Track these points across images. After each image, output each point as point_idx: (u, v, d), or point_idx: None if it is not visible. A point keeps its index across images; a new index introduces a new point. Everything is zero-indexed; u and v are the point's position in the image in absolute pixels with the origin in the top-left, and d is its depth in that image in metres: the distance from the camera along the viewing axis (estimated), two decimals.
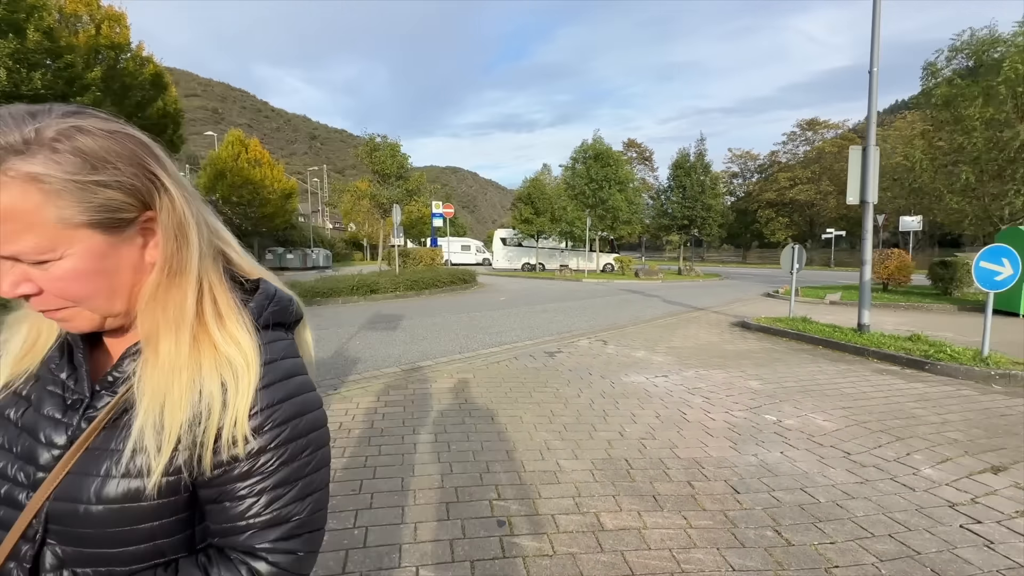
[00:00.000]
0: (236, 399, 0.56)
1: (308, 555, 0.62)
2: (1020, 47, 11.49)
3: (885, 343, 6.41)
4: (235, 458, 0.56)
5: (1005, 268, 5.43)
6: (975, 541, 2.32)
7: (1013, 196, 11.82)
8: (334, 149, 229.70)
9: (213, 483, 0.57)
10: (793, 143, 58.22)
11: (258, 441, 0.57)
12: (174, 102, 17.11)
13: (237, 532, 0.58)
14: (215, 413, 0.56)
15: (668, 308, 11.73)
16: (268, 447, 0.58)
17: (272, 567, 0.59)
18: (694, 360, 6.09)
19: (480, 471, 2.97)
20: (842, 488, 2.83)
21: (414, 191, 18.70)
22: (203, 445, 0.55)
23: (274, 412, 0.59)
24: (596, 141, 26.94)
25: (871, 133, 7.03)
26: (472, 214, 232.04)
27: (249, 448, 0.57)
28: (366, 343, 6.96)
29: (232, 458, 0.56)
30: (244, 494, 0.58)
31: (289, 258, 31.81)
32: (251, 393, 0.57)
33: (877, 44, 7.06)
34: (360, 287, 12.63)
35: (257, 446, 0.57)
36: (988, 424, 3.89)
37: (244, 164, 27.40)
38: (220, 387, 0.56)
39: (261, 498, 0.58)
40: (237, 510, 0.58)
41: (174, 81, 18.35)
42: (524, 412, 4.06)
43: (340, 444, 3.32)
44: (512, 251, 32.43)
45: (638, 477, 2.93)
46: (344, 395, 4.46)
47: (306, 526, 0.61)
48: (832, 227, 44.03)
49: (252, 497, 0.58)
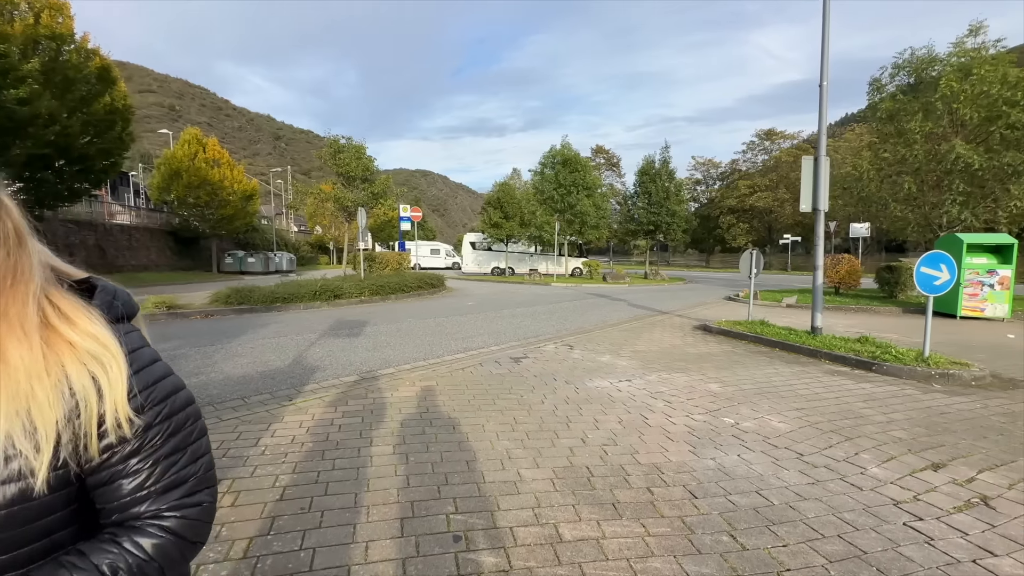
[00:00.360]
0: (111, 388, 0.60)
1: (212, 505, 0.70)
2: (955, 67, 12.32)
3: (836, 345, 6.68)
4: (123, 439, 0.62)
5: (943, 273, 5.76)
6: (917, 538, 2.40)
7: (950, 205, 12.62)
8: (299, 150, 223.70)
9: (104, 467, 0.62)
10: (752, 152, 60.66)
11: (142, 419, 0.63)
12: (123, 97, 16.25)
13: (138, 503, 0.63)
14: (92, 404, 0.59)
15: (634, 312, 11.91)
16: (154, 423, 0.65)
17: (182, 520, 0.65)
18: (657, 364, 6.17)
19: (438, 483, 2.88)
20: (795, 490, 2.89)
21: (380, 194, 18.36)
22: (87, 435, 0.59)
23: (151, 393, 0.65)
24: (564, 147, 27.25)
25: (822, 144, 7.35)
26: (442, 218, 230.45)
27: (135, 427, 0.62)
28: (326, 350, 6.74)
29: (120, 439, 0.62)
30: (139, 468, 0.63)
31: (250, 262, 30.65)
32: (125, 380, 0.62)
33: (826, 60, 7.40)
34: (323, 292, 12.27)
35: (143, 423, 0.63)
36: (929, 422, 4.08)
37: (201, 164, 26.27)
38: (91, 381, 0.60)
39: (157, 467, 0.64)
40: (135, 483, 0.63)
41: (126, 76, 17.47)
42: (487, 420, 3.99)
43: (291, 459, 3.16)
44: (482, 255, 32.33)
45: (598, 485, 2.91)
46: (299, 406, 4.27)
47: (205, 481, 0.70)
48: (789, 233, 46.07)
49: (148, 468, 0.64)
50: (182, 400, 0.69)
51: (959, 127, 12.59)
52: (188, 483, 0.67)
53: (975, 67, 11.83)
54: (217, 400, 4.46)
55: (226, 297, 10.93)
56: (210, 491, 0.70)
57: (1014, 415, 4.29)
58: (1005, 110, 11.63)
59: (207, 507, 0.69)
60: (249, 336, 7.84)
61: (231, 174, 27.85)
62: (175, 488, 0.65)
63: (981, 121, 12.14)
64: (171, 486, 0.65)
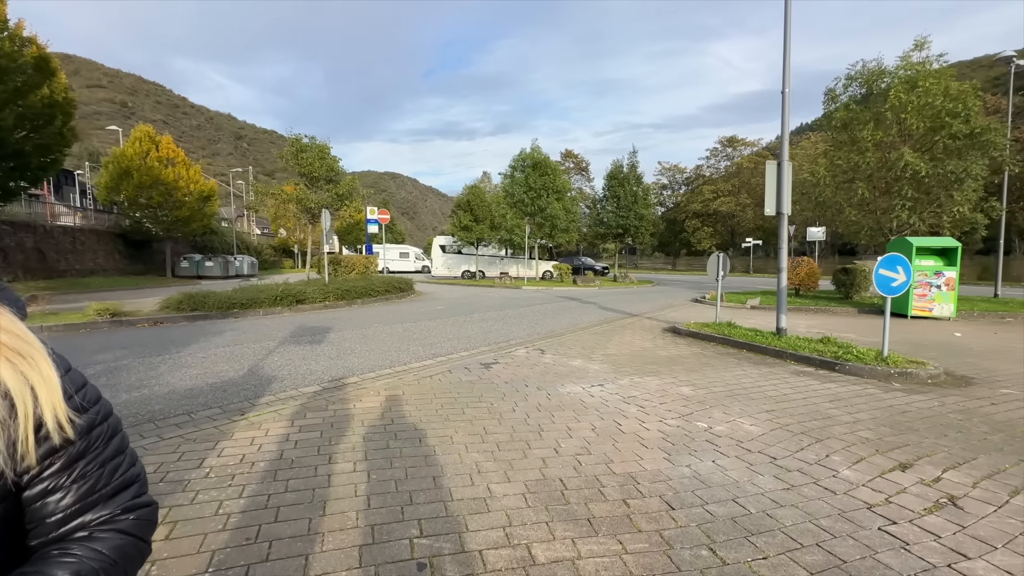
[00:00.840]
0: (47, 388, 0.57)
1: (156, 505, 0.69)
2: (902, 79, 12.98)
3: (801, 346, 6.81)
4: (67, 441, 0.59)
5: (900, 275, 5.95)
6: (892, 543, 2.37)
7: (899, 210, 13.26)
8: (263, 150, 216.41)
9: (42, 476, 0.58)
10: (715, 158, 62.71)
11: (84, 420, 0.61)
12: (64, 90, 15.17)
13: (90, 508, 0.60)
14: (28, 406, 0.56)
15: (604, 315, 11.93)
16: (96, 424, 0.63)
17: (138, 520, 0.64)
18: (629, 367, 6.12)
19: (402, 503, 2.67)
20: (770, 496, 2.83)
21: (345, 195, 17.81)
22: (25, 440, 0.55)
23: (86, 394, 0.63)
24: (534, 150, 27.29)
25: (784, 148, 7.52)
26: (412, 221, 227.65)
27: (79, 427, 0.60)
28: (286, 359, 6.37)
29: (64, 441, 0.59)
30: (86, 471, 0.60)
31: (208, 266, 29.28)
32: (58, 380, 0.59)
33: (788, 67, 7.59)
34: (285, 297, 11.74)
35: (86, 424, 0.61)
36: (893, 422, 4.15)
37: (154, 163, 24.88)
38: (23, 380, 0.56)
39: (105, 469, 0.62)
40: (83, 488, 0.60)
41: (73, 70, 16.49)
42: (455, 431, 3.80)
43: (238, 482, 2.88)
44: (452, 258, 31.98)
45: (572, 499, 2.77)
46: (252, 420, 3.96)
47: (146, 482, 0.69)
48: (750, 236, 47.75)
49: (96, 471, 0.61)
50: (107, 402, 0.68)
51: (907, 136, 13.26)
52: (137, 483, 0.66)
53: (920, 80, 12.49)
54: (159, 416, 4.08)
55: (178, 303, 10.28)
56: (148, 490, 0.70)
57: (970, 412, 4.43)
58: (948, 121, 12.32)
59: (156, 506, 0.69)
60: (201, 345, 7.35)
61: (187, 174, 26.50)
62: (126, 489, 0.64)
63: (926, 131, 12.82)
64: (121, 487, 0.63)
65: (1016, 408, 4.55)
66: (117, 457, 0.64)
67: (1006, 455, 3.46)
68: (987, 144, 12.41)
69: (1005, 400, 4.80)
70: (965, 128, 12.28)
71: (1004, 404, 4.67)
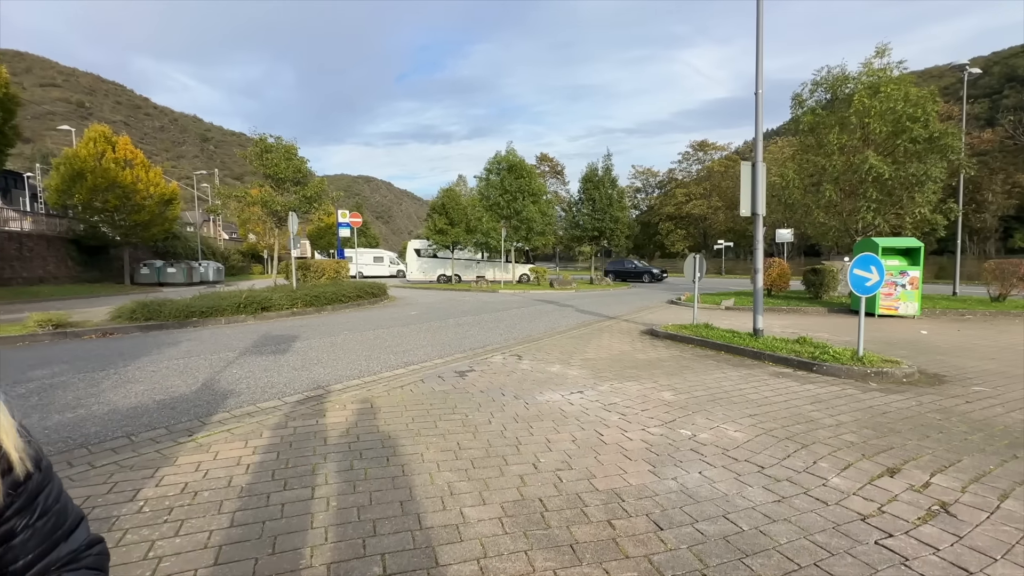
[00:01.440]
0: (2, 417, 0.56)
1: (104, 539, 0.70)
2: (865, 85, 13.36)
3: (778, 347, 6.79)
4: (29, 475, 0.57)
5: (873, 275, 5.98)
6: (892, 559, 2.23)
7: (864, 211, 13.62)
8: (230, 153, 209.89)
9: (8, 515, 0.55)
10: (687, 162, 64.02)
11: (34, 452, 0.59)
12: (4, 85, 14.18)
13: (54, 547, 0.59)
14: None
15: (581, 318, 11.81)
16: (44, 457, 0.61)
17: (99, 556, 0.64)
18: (608, 372, 5.95)
19: (365, 535, 2.39)
20: (762, 510, 2.67)
21: (314, 198, 17.23)
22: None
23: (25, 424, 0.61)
24: (510, 153, 27.13)
25: (758, 149, 7.53)
26: (386, 225, 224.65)
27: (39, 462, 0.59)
28: (245, 371, 5.96)
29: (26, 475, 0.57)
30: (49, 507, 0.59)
31: (170, 272, 27.97)
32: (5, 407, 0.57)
33: (761, 69, 7.62)
34: (249, 304, 11.18)
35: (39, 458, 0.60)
36: (875, 423, 4.09)
37: (110, 164, 23.60)
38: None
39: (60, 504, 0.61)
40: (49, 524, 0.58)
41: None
42: (426, 448, 3.53)
43: (176, 516, 2.54)
44: (427, 262, 31.49)
45: (553, 522, 2.54)
46: (200, 442, 3.59)
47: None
48: (722, 239, 48.79)
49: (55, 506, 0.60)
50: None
51: (870, 140, 13.65)
52: (84, 517, 0.66)
53: (882, 85, 12.88)
54: (94, 440, 3.67)
55: (130, 312, 9.63)
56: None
57: (947, 411, 4.42)
58: (908, 125, 12.74)
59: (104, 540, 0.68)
60: (152, 357, 6.84)
61: (146, 176, 25.26)
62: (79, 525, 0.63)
63: (888, 135, 13.23)
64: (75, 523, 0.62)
65: (990, 406, 4.57)
66: (64, 492, 0.63)
67: (988, 456, 3.41)
68: (945, 148, 12.88)
69: (979, 398, 4.83)
70: (925, 132, 12.72)
71: (979, 402, 4.69)
